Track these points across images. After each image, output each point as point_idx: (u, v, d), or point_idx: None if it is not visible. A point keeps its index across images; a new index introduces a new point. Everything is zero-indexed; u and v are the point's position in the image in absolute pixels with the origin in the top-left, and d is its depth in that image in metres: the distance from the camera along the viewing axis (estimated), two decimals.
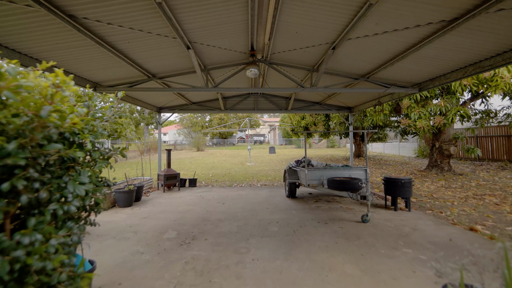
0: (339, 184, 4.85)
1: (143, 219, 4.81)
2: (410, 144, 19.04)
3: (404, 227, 4.23)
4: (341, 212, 5.14)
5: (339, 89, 5.20)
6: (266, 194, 6.99)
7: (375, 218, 4.71)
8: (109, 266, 2.94)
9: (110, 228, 4.26)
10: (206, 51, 4.43)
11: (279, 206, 5.70)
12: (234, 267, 2.89)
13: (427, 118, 7.80)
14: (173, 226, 4.38)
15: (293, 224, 4.43)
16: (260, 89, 5.16)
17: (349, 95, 6.91)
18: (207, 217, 4.90)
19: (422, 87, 5.14)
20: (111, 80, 5.06)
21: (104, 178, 1.34)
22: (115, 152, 1.34)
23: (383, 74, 4.97)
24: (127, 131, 16.96)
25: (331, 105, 8.65)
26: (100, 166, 1.22)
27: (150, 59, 4.45)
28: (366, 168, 5.56)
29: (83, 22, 3.03)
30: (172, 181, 7.62)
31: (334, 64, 4.87)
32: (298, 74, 5.79)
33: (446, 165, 9.58)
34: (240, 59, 5.05)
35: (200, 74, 4.72)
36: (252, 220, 4.65)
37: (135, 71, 4.83)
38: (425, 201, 6.14)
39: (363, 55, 4.32)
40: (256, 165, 14.82)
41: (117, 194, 5.66)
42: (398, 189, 5.22)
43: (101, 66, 4.37)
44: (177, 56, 4.49)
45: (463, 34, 3.22)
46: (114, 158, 1.40)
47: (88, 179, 1.09)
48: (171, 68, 5.03)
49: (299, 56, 4.74)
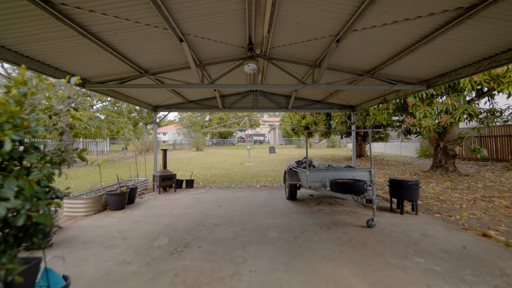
0: (342, 186, 4.57)
1: (134, 223, 4.52)
2: (412, 144, 18.76)
3: (412, 233, 3.95)
4: (344, 216, 4.86)
5: (343, 86, 4.91)
6: (266, 196, 6.71)
7: (381, 223, 4.43)
8: (90, 279, 2.66)
9: (97, 234, 3.97)
10: (201, 45, 4.14)
11: (279, 209, 5.42)
12: (229, 281, 2.61)
13: (433, 117, 7.51)
14: (166, 231, 4.10)
15: (294, 229, 4.15)
16: (259, 86, 4.86)
17: (352, 92, 6.62)
18: (202, 221, 4.61)
19: (430, 83, 4.85)
20: (101, 76, 4.77)
21: (53, 188, 1.05)
22: (69, 155, 1.06)
23: (390, 69, 4.68)
24: (125, 131, 16.69)
25: (333, 103, 8.36)
26: (41, 173, 0.94)
27: (141, 53, 4.16)
28: (370, 169, 5.28)
29: (62, 9, 2.74)
30: (168, 182, 7.33)
31: (337, 59, 4.58)
32: (299, 70, 5.50)
33: (451, 165, 9.30)
34: (238, 54, 4.76)
35: (195, 70, 4.43)
36: (250, 225, 4.37)
37: (126, 67, 4.54)
38: (432, 203, 5.86)
39: (369, 48, 4.03)
40: (256, 165, 14.53)
41: (108, 196, 5.37)
42: (404, 192, 4.94)
43: (88, 61, 4.08)
44: (170, 50, 4.20)
45: (481, 23, 2.93)
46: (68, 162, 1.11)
47: (12, 193, 0.80)
48: (164, 63, 4.74)
49: (301, 51, 4.45)
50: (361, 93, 6.66)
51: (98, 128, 14.04)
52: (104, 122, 14.60)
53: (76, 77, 1.11)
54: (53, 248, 3.46)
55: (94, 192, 5.89)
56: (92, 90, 5.00)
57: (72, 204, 5.10)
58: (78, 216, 5.02)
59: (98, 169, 12.78)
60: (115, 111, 16.71)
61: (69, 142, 13.86)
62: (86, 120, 13.32)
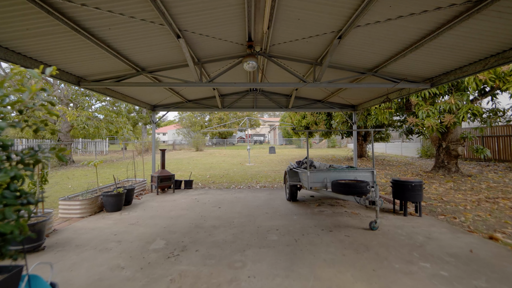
0: (344, 187, 4.45)
1: (130, 225, 4.40)
2: (413, 144, 18.63)
3: (417, 236, 3.83)
4: (346, 218, 4.74)
5: (344, 84, 4.79)
6: (265, 197, 6.59)
7: (384, 225, 4.31)
8: (81, 285, 2.53)
9: (92, 237, 3.85)
10: (199, 41, 4.02)
11: (279, 210, 5.30)
12: (227, 287, 2.49)
13: (436, 116, 7.37)
14: (162, 234, 3.98)
15: (295, 231, 4.03)
16: (259, 84, 4.74)
17: (353, 91, 6.50)
18: (200, 223, 4.49)
19: (434, 82, 4.73)
20: (97, 74, 4.65)
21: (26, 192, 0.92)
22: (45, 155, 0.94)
23: (393, 67, 4.56)
24: (124, 131, 16.57)
25: (334, 103, 8.24)
26: (5, 176, 0.81)
27: (137, 50, 4.04)
28: (373, 169, 5.16)
29: (52, 3, 2.62)
30: (166, 183, 7.21)
31: (339, 56, 4.46)
32: (300, 69, 5.38)
33: (454, 166, 9.17)
34: (237, 52, 4.64)
35: (193, 67, 4.32)
36: (250, 227, 4.25)
37: (122, 64, 4.42)
38: (435, 205, 5.74)
39: (372, 45, 3.91)
40: (256, 165, 14.41)
41: (105, 198, 5.25)
42: (407, 193, 4.82)
43: (82, 58, 3.97)
44: (167, 47, 4.08)
45: (489, 17, 2.81)
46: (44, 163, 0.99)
47: None
48: (161, 61, 4.62)
49: (301, 48, 4.33)
50: (363, 92, 6.54)
51: (97, 128, 13.92)
52: (103, 122, 14.48)
53: (52, 67, 0.99)
54: (45, 252, 3.35)
55: (90, 193, 5.77)
56: (88, 89, 4.88)
57: (67, 206, 4.98)
58: (73, 218, 4.90)
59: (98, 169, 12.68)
60: (114, 111, 16.59)
61: (67, 142, 13.73)
62: (84, 120, 13.20)
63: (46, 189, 7.98)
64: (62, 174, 11.28)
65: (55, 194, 7.32)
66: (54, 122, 13.51)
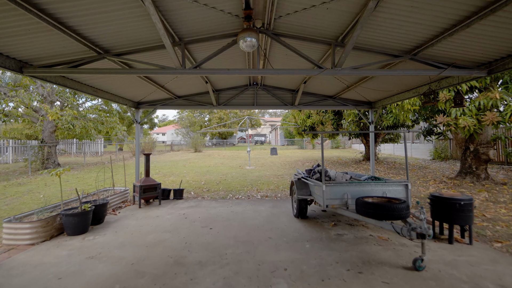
0: (376, 209, 3.29)
1: (88, 260, 3.27)
2: (424, 146, 17.44)
3: (483, 281, 2.69)
4: (375, 247, 3.59)
5: (374, 71, 3.66)
6: (268, 211, 5.45)
7: (431, 261, 3.17)
8: None
9: (24, 284, 2.72)
10: (178, 8, 2.88)
11: (286, 233, 4.16)
12: None
13: (473, 114, 6.21)
14: (125, 278, 2.84)
15: (310, 274, 2.89)
16: (260, 71, 3.62)
17: (377, 83, 5.31)
18: (182, 256, 3.36)
19: (493, 68, 3.57)
20: (45, 58, 3.51)
21: None
22: None
23: (440, 48, 3.40)
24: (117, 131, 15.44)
25: (348, 99, 7.08)
26: None
27: (94, 24, 2.92)
28: (407, 182, 4.01)
29: None
30: (150, 193, 6.09)
31: (368, 33, 3.31)
32: (312, 53, 4.24)
33: (483, 172, 8.00)
34: (232, 28, 3.51)
35: (171, 47, 3.18)
36: (248, 265, 3.11)
37: (77, 45, 3.29)
38: (480, 224, 4.60)
39: (420, 12, 2.76)
40: (256, 169, 13.26)
41: (65, 217, 4.12)
42: (455, 214, 3.68)
43: (17, 33, 2.83)
44: (134, 17, 2.95)
45: None
46: None
47: None
48: (130, 40, 3.48)
49: (318, 21, 3.19)
50: (389, 85, 5.33)
51: (84, 128, 12.80)
52: (91, 121, 13.36)
53: None
54: None
55: (51, 209, 4.65)
56: (35, 77, 3.75)
57: (13, 230, 3.86)
58: (21, 245, 3.78)
59: (84, 174, 11.56)
60: (104, 110, 15.47)
61: (52, 144, 12.62)
62: (70, 119, 12.08)
63: (12, 200, 6.87)
64: (41, 180, 10.17)
65: (19, 206, 6.20)
66: (35, 121, 12.39)
